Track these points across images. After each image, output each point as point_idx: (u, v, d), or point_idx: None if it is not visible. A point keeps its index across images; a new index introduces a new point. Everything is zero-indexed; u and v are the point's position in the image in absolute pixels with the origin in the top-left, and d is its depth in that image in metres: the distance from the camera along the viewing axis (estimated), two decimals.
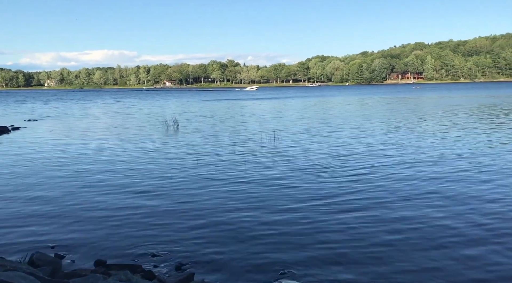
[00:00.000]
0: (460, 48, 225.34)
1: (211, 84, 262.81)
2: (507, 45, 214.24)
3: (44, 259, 5.58)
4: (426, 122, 26.53)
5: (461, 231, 7.45)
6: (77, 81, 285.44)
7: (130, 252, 6.87)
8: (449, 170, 12.31)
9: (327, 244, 7.01)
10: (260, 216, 8.52)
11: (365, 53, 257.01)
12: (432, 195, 9.72)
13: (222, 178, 11.86)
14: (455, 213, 8.45)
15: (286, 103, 57.71)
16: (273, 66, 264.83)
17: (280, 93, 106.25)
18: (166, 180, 11.78)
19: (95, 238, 7.52)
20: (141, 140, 20.55)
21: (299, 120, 30.06)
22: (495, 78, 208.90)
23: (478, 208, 8.76)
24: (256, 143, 18.49)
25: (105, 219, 8.54)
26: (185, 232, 7.69)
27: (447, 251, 6.62)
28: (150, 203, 9.61)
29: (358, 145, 17.35)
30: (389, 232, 7.45)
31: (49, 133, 25.11)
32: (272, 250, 6.80)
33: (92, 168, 13.75)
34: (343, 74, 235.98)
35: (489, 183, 10.79)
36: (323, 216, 8.41)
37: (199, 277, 5.78)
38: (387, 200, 9.42)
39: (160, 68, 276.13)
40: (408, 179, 11.34)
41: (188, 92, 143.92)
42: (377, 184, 10.84)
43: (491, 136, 19.24)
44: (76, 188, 11.07)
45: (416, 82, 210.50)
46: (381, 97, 69.27)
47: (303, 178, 11.68)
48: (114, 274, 5.03)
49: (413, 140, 18.54)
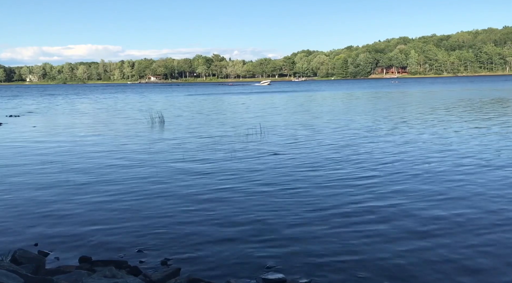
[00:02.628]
0: (443, 42, 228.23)
1: (197, 79, 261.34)
2: (489, 39, 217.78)
3: (27, 257, 5.51)
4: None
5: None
6: (60, 76, 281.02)
7: (116, 248, 6.82)
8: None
9: (313, 238, 7.06)
10: (247, 211, 8.54)
11: (350, 47, 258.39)
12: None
13: (208, 172, 11.84)
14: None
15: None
16: (259, 60, 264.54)
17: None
18: (152, 176, 11.70)
19: (80, 234, 7.44)
20: (134, 135, 20.36)
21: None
22: (477, 72, 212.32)
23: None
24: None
25: (90, 215, 8.46)
26: (171, 228, 7.66)
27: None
28: (135, 199, 9.54)
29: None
30: (377, 222, 7.53)
31: (32, 129, 24.71)
32: (259, 245, 6.82)
33: (75, 164, 13.58)
34: (328, 69, 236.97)
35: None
36: (309, 213, 8.46)
37: (185, 272, 5.78)
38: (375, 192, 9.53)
39: (144, 62, 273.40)
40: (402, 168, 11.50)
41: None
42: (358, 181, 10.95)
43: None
44: (59, 185, 10.93)
45: (400, 76, 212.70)
46: (361, 92, 69.78)
47: (290, 174, 11.72)
48: (99, 270, 4.99)
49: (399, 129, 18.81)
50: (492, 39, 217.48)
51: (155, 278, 5.32)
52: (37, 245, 7.01)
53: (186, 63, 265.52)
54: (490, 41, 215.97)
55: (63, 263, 6.24)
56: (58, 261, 6.38)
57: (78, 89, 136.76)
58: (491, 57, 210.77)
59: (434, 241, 6.75)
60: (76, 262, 6.25)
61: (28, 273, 4.64)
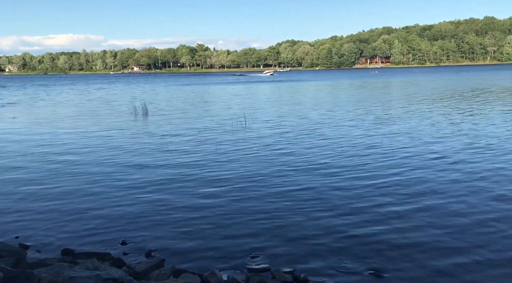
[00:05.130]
0: (426, 32, 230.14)
1: (181, 69, 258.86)
2: (470, 29, 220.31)
3: (7, 250, 5.41)
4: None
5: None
6: (41, 66, 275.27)
7: (99, 241, 6.75)
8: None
9: (295, 226, 7.10)
10: (230, 202, 8.53)
11: (334, 37, 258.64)
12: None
13: (191, 164, 11.78)
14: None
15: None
16: (243, 50, 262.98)
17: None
18: (134, 167, 11.59)
19: (62, 227, 7.34)
20: (116, 128, 20.10)
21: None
22: (459, 62, 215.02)
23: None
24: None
25: (72, 207, 8.34)
26: (154, 219, 7.61)
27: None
28: (118, 190, 9.44)
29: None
30: (359, 207, 7.61)
31: (11, 120, 24.20)
32: (243, 235, 6.83)
33: (55, 156, 13.36)
34: (313, 59, 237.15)
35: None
36: (294, 203, 8.50)
37: (169, 264, 5.75)
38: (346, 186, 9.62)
39: (127, 52, 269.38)
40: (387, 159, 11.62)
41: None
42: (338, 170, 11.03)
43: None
44: (40, 177, 10.74)
45: (384, 66, 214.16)
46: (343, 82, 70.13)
47: (274, 162, 11.74)
48: (81, 263, 4.93)
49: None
50: (474, 29, 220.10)
51: (139, 270, 5.28)
52: (18, 237, 6.89)
53: (170, 53, 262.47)
54: (472, 31, 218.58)
55: (44, 255, 6.15)
56: (40, 253, 6.29)
57: (61, 80, 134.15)
58: (473, 47, 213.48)
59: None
60: (59, 255, 6.17)
61: (8, 266, 4.55)
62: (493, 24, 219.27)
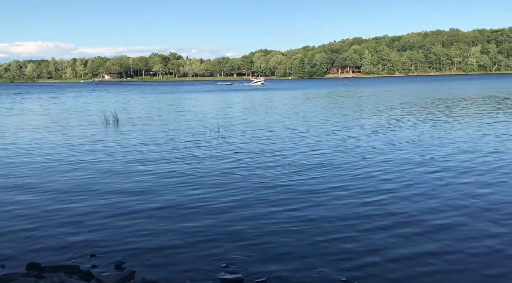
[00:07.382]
0: (395, 43, 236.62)
1: (153, 78, 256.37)
2: (436, 41, 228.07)
3: None
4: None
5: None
6: (7, 74, 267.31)
7: (67, 253, 6.55)
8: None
9: (269, 237, 7.08)
10: (202, 211, 8.45)
11: (306, 47, 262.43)
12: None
13: (165, 172, 11.63)
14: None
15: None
16: (217, 59, 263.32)
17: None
18: (106, 177, 11.34)
19: (28, 240, 7.09)
20: (85, 136, 19.63)
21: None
22: (426, 72, 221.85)
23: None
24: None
25: (39, 219, 8.07)
26: (125, 230, 7.45)
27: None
28: (87, 201, 9.21)
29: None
30: (329, 209, 7.68)
31: None
32: (214, 245, 6.76)
33: (19, 166, 12.93)
34: (286, 68, 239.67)
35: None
36: (265, 209, 8.50)
37: (139, 276, 5.63)
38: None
39: (98, 60, 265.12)
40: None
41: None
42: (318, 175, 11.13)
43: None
44: (4, 187, 10.36)
45: (355, 76, 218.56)
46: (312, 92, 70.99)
47: (254, 171, 11.72)
48: (47, 277, 4.76)
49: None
50: (440, 41, 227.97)
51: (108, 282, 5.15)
52: None
53: (142, 61, 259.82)
54: (438, 43, 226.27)
55: (8, 271, 5.91)
56: (3, 269, 6.04)
57: (27, 88, 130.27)
58: (439, 57, 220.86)
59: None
60: (23, 269, 5.95)
61: None
62: (458, 36, 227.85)
